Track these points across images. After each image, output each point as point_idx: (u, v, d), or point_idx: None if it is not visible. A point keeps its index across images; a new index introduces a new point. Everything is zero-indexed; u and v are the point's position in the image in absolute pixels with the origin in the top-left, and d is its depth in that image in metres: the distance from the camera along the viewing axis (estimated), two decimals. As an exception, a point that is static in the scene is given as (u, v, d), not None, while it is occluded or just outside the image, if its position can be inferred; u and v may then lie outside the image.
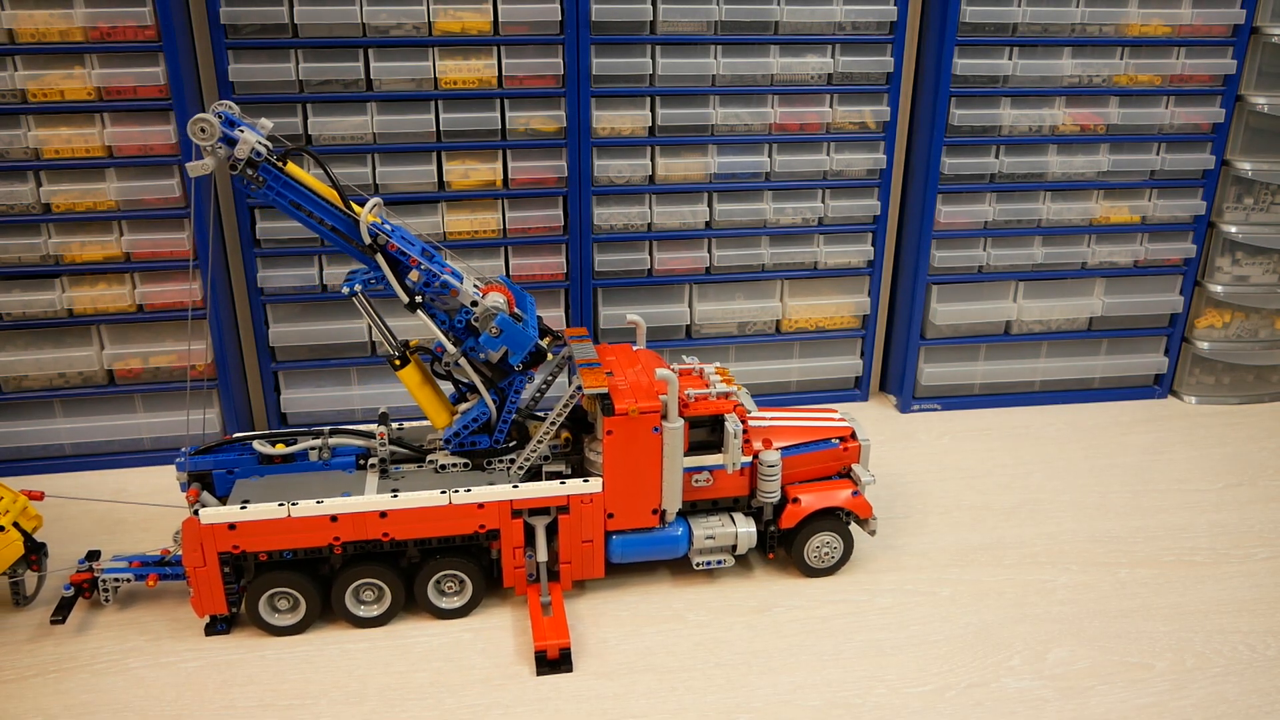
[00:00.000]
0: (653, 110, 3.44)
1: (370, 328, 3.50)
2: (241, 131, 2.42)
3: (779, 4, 3.37)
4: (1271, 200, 3.85)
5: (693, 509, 2.79)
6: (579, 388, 2.64)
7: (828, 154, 3.59)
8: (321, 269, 3.43)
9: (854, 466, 2.89)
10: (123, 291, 3.28)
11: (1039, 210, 3.77)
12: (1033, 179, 3.75)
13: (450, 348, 2.66)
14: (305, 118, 3.26)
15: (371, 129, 3.29)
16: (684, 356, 2.95)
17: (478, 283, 2.68)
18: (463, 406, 2.80)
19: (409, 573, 2.63)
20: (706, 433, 2.74)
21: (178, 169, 3.17)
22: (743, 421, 2.74)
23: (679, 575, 2.86)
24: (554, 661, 2.49)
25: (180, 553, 2.65)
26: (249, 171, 2.46)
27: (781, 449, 2.79)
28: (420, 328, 2.65)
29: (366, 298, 2.65)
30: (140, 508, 3.11)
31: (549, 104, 3.37)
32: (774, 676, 2.47)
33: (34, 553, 2.62)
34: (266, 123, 2.52)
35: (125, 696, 2.39)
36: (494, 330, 2.60)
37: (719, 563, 2.79)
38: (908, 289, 3.85)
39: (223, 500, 2.68)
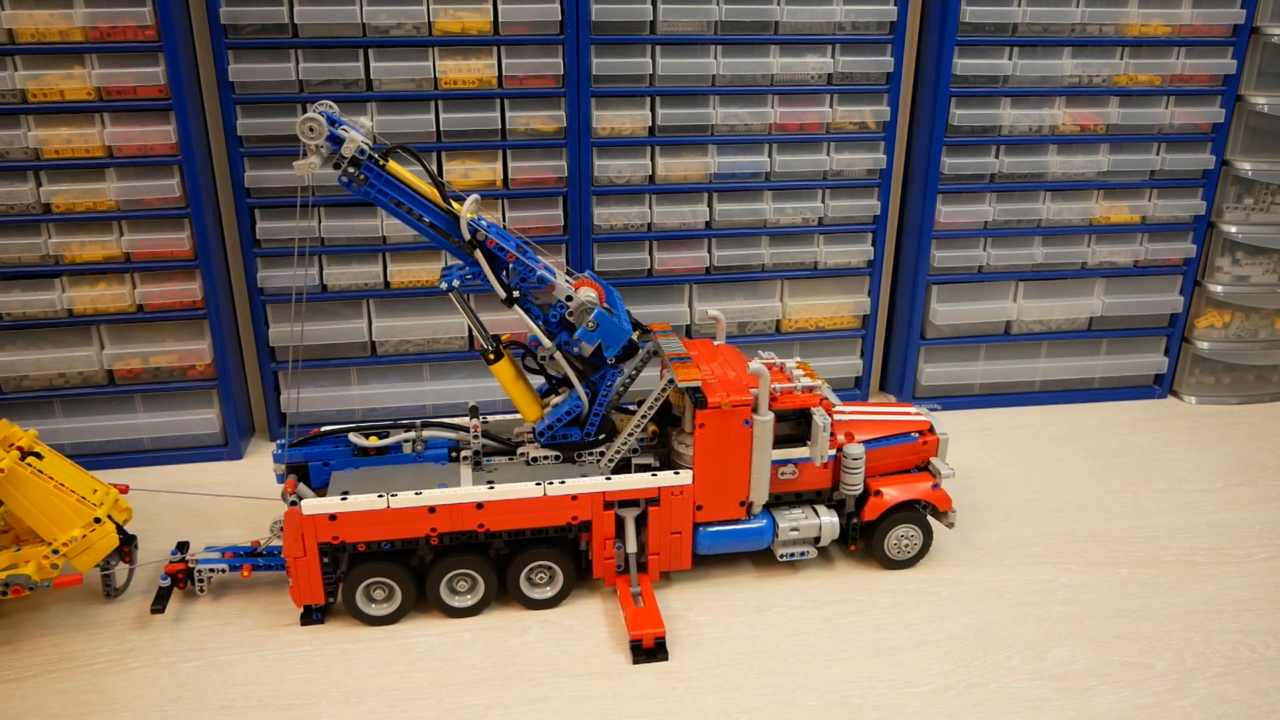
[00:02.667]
0: (653, 110, 3.44)
1: (369, 326, 3.50)
2: (345, 131, 2.46)
3: (779, 4, 3.37)
4: (1271, 200, 3.85)
5: (776, 501, 2.83)
6: (671, 381, 2.67)
7: (828, 154, 3.59)
8: (321, 269, 3.43)
9: (932, 460, 2.93)
10: (123, 291, 3.28)
11: (1039, 210, 3.77)
12: (1033, 179, 3.75)
13: (546, 341, 2.70)
14: (305, 118, 3.26)
15: (372, 129, 3.28)
16: (760, 352, 2.96)
17: (567, 278, 2.70)
18: (554, 400, 2.83)
19: (499, 563, 2.66)
20: (791, 426, 2.76)
21: (178, 169, 3.17)
22: (829, 415, 2.77)
23: (764, 567, 2.89)
24: (650, 651, 2.52)
25: (275, 543, 2.73)
26: (351, 170, 2.50)
27: (864, 442, 2.82)
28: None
29: (461, 293, 2.68)
30: (177, 502, 3.14)
31: (549, 104, 3.37)
32: (774, 676, 2.47)
33: (126, 545, 2.65)
34: (366, 122, 2.56)
35: (125, 696, 2.39)
36: (591, 324, 2.64)
37: (801, 554, 2.82)
38: (908, 289, 3.85)
39: (319, 492, 2.72)
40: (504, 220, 3.45)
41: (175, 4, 3.05)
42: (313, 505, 2.50)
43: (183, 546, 2.80)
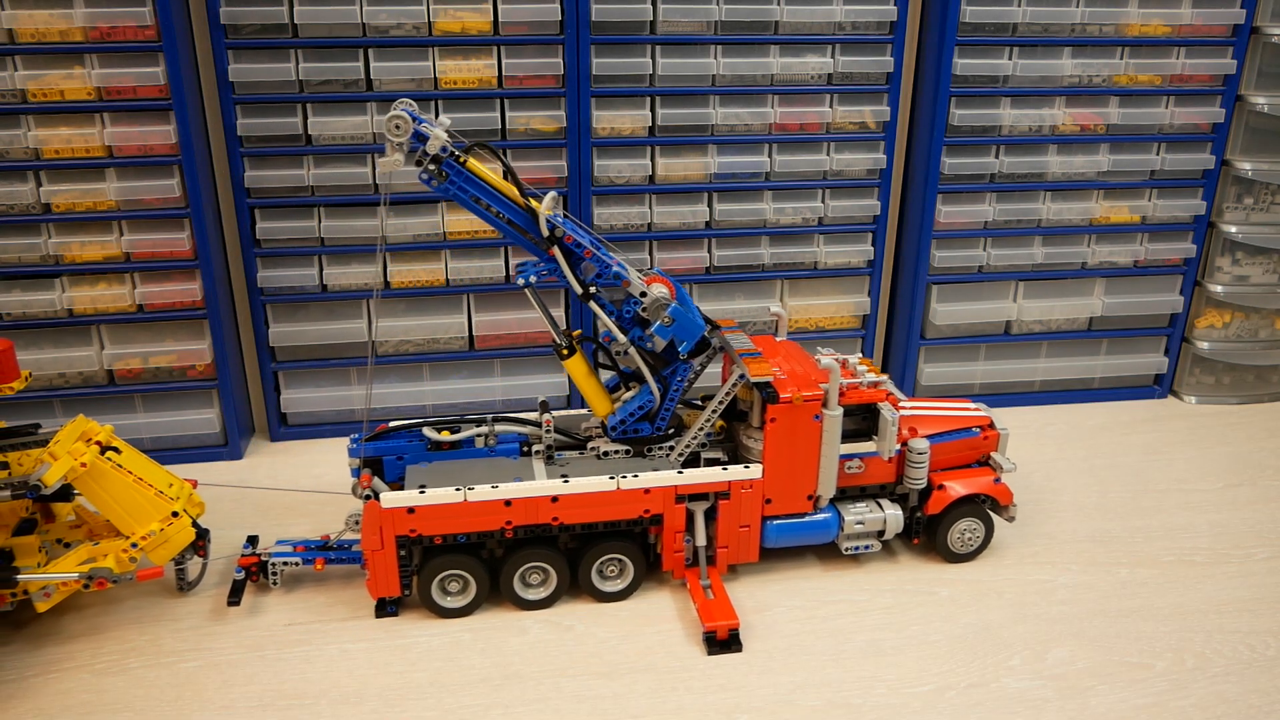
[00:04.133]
0: (653, 110, 3.44)
1: (371, 327, 3.50)
2: (428, 128, 2.48)
3: (779, 4, 3.37)
4: (1271, 200, 3.85)
5: (840, 495, 2.85)
6: (742, 375, 2.69)
7: (828, 154, 3.59)
8: (321, 269, 3.43)
9: (993, 454, 2.95)
10: (123, 291, 3.28)
11: (1039, 210, 3.77)
12: (1033, 179, 3.75)
13: (620, 337, 2.72)
14: (305, 118, 3.26)
15: (371, 129, 3.29)
16: (820, 348, 2.98)
17: (639, 274, 2.72)
18: (625, 395, 2.84)
19: (570, 556, 2.68)
20: (856, 421, 2.79)
21: (178, 169, 3.17)
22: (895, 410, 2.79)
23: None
24: (724, 642, 2.55)
25: (348, 536, 2.77)
26: (432, 167, 2.52)
27: (928, 437, 2.84)
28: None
29: (535, 290, 2.70)
30: (228, 497, 3.13)
31: (549, 104, 3.37)
32: (774, 676, 2.47)
33: (200, 538, 2.67)
34: (445, 119, 2.58)
35: (125, 696, 2.39)
36: (666, 320, 2.66)
37: (866, 548, 2.84)
38: (908, 289, 3.85)
39: (393, 486, 2.75)
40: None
41: (175, 4, 3.05)
42: (391, 499, 2.52)
43: (253, 540, 2.83)
